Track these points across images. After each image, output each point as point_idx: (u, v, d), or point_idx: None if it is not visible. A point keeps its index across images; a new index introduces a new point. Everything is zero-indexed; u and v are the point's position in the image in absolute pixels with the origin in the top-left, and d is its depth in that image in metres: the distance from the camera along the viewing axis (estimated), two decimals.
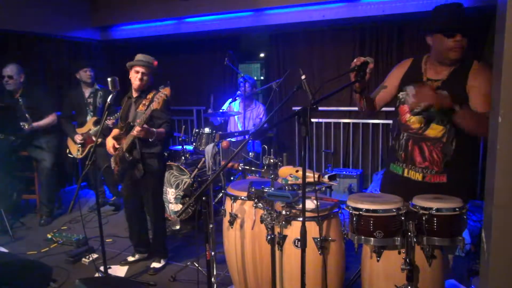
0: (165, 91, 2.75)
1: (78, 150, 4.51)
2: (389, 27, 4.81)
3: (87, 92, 4.58)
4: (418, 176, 2.18)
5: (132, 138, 2.99)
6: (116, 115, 4.15)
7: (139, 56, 3.17)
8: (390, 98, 2.34)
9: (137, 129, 2.89)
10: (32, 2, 5.00)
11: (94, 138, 4.40)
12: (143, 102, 3.06)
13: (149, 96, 3.08)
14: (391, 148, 2.35)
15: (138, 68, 3.11)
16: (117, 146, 3.16)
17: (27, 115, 4.29)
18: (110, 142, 3.19)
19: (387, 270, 1.97)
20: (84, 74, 4.52)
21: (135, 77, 3.11)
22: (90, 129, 4.46)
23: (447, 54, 2.08)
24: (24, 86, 4.32)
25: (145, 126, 2.89)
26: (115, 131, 3.25)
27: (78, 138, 4.44)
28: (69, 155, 4.62)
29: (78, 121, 4.58)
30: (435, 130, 2.13)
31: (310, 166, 5.39)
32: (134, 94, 3.19)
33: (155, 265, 3.24)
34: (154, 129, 2.99)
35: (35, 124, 4.30)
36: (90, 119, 4.51)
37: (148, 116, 2.87)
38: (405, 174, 2.23)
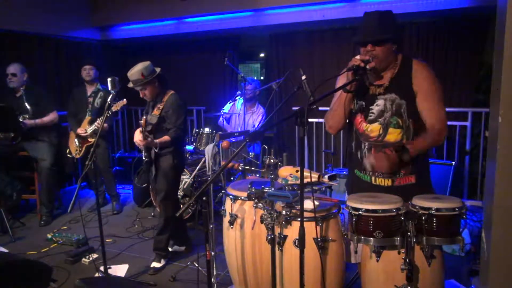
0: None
1: (77, 150, 4.52)
2: None
3: (89, 90, 4.59)
4: (387, 182, 2.16)
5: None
6: (109, 113, 4.09)
7: (129, 75, 3.13)
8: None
9: (139, 138, 3.02)
10: (32, 2, 5.01)
11: (89, 139, 4.40)
12: (158, 105, 3.17)
13: (165, 98, 3.17)
14: (353, 157, 2.30)
15: (136, 88, 3.16)
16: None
17: (28, 107, 4.32)
18: (137, 136, 3.26)
19: (387, 270, 1.97)
20: (84, 72, 4.54)
21: (141, 94, 3.22)
22: (85, 129, 4.45)
23: None
24: (26, 85, 4.37)
25: (148, 139, 3.01)
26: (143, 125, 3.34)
27: (81, 131, 4.42)
28: (68, 155, 4.63)
29: (77, 118, 4.58)
30: (394, 135, 2.11)
31: (310, 166, 5.41)
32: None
33: (155, 264, 3.24)
34: (157, 141, 3.07)
35: (38, 120, 4.33)
36: (86, 118, 4.51)
37: (146, 130, 3.01)
38: (374, 182, 2.20)
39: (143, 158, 3.24)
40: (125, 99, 3.60)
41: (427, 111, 2.06)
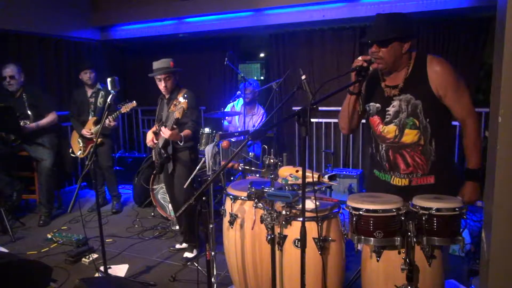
0: (183, 104, 2.96)
1: (80, 149, 4.53)
2: None
3: (89, 91, 4.60)
4: (404, 182, 2.16)
5: (164, 139, 3.22)
6: (115, 114, 4.15)
7: (155, 64, 3.28)
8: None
9: (166, 133, 3.08)
10: (32, 2, 5.00)
11: (94, 139, 4.40)
12: (174, 102, 3.25)
13: (179, 95, 3.27)
14: (373, 158, 2.31)
15: (158, 77, 3.28)
16: (155, 141, 3.36)
17: (29, 112, 4.30)
18: (149, 136, 3.40)
19: (387, 270, 1.97)
20: (85, 76, 4.53)
21: (159, 85, 3.32)
22: (90, 129, 4.46)
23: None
24: (24, 85, 4.33)
25: (174, 131, 3.09)
26: (155, 127, 3.45)
27: (87, 132, 4.45)
28: (71, 154, 4.64)
29: (80, 120, 4.60)
30: (410, 136, 2.10)
31: (310, 166, 5.41)
32: (166, 96, 3.41)
33: (187, 254, 3.35)
34: (182, 134, 3.17)
35: (40, 122, 4.31)
36: (90, 119, 4.52)
37: (173, 122, 3.07)
38: (392, 182, 2.21)
39: (162, 156, 3.32)
40: (134, 101, 3.66)
41: (460, 103, 2.04)
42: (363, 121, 2.36)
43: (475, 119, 2.04)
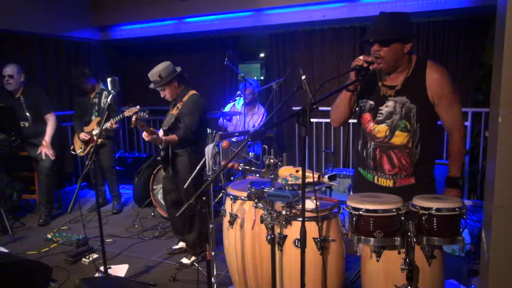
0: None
1: (81, 147, 4.54)
2: None
3: (92, 93, 4.60)
4: (389, 183, 2.18)
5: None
6: (120, 116, 4.13)
7: (149, 76, 3.20)
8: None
9: (144, 134, 3.00)
10: (32, 2, 5.01)
11: (95, 138, 4.40)
12: (178, 105, 3.22)
13: (185, 98, 3.22)
14: (359, 154, 2.31)
15: (157, 89, 3.24)
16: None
17: (27, 113, 4.31)
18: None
19: (387, 270, 1.97)
20: (82, 85, 4.53)
21: (161, 94, 3.26)
22: (93, 129, 4.47)
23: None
24: (24, 86, 4.33)
25: (150, 136, 3.00)
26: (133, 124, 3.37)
27: (83, 135, 4.48)
28: (72, 151, 4.66)
29: (85, 120, 4.61)
30: (400, 138, 2.11)
31: (310, 166, 5.42)
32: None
33: (184, 260, 3.28)
34: (163, 138, 3.08)
35: (49, 134, 4.32)
36: (94, 119, 4.53)
37: (170, 125, 3.07)
38: (376, 182, 2.22)
39: (158, 158, 3.30)
40: (138, 106, 3.61)
41: (450, 114, 2.09)
42: (355, 120, 2.37)
43: (462, 131, 2.12)
